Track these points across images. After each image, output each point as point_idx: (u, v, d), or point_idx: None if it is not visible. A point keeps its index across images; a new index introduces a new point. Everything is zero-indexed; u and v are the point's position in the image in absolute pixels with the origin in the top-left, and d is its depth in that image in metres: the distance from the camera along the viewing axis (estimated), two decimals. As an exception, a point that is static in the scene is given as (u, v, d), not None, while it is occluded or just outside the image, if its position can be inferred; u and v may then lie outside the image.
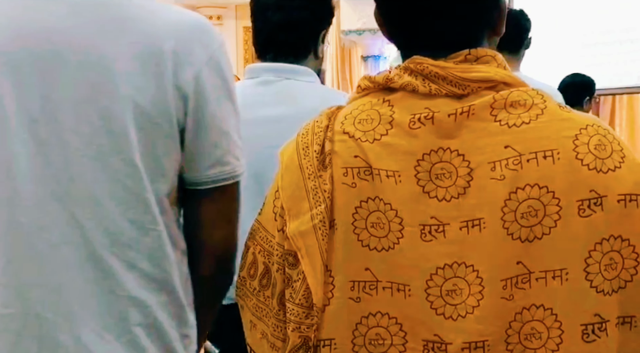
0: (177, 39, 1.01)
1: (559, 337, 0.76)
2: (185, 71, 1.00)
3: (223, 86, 1.06)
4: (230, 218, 1.11)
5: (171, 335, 1.05)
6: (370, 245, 0.81)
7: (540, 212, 0.76)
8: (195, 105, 1.02)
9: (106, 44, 0.97)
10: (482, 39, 0.85)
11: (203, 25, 1.07)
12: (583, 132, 0.78)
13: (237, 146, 1.09)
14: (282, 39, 1.55)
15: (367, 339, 0.81)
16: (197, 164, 1.06)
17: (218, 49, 1.06)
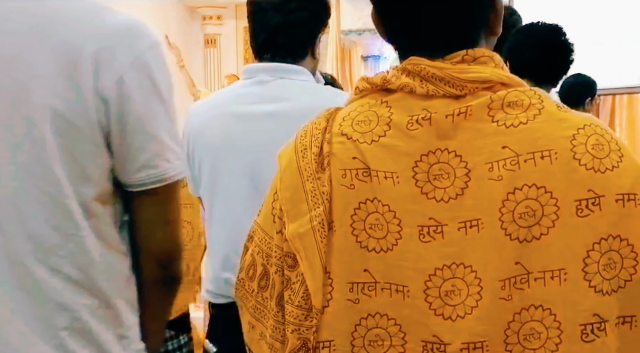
0: (99, 42, 1.00)
1: (558, 337, 0.76)
2: (106, 74, 1.00)
3: (151, 88, 1.05)
4: (168, 220, 1.11)
5: (103, 338, 1.06)
6: (369, 246, 0.81)
7: (538, 212, 0.76)
8: (118, 109, 1.02)
9: (30, 50, 0.98)
10: (478, 39, 0.85)
11: (130, 27, 1.05)
12: (580, 132, 0.78)
13: (168, 148, 1.08)
14: (280, 41, 1.56)
15: (366, 340, 0.81)
16: (125, 168, 1.06)
17: (147, 51, 1.05)
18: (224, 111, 1.59)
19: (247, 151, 1.54)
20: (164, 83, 1.07)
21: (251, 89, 1.57)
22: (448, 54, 0.83)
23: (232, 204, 1.57)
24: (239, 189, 1.56)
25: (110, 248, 1.07)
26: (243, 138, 1.55)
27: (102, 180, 1.04)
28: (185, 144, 1.65)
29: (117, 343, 1.08)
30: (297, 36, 1.56)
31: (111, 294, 1.07)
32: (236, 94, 1.61)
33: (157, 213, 1.10)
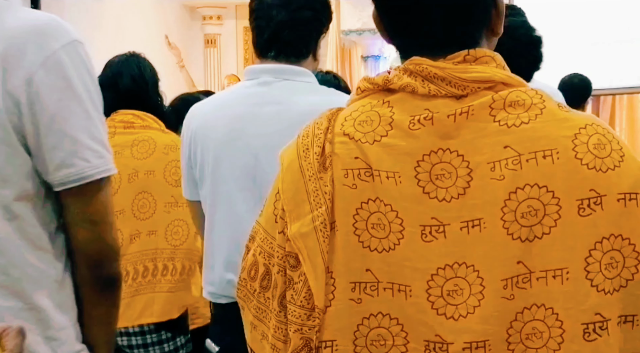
0: (8, 43, 0.99)
1: (560, 336, 0.76)
2: (15, 75, 0.99)
3: (66, 86, 1.04)
4: (94, 220, 1.10)
5: (29, 339, 1.05)
6: (371, 246, 0.81)
7: (540, 212, 0.76)
8: (30, 109, 1.01)
9: None
10: (480, 38, 0.85)
11: (45, 26, 1.04)
12: (582, 131, 0.78)
13: (86, 147, 1.06)
14: (286, 38, 1.56)
15: (368, 340, 0.81)
16: (44, 167, 1.05)
17: (61, 49, 1.03)
18: (227, 112, 1.58)
19: (249, 153, 1.54)
20: (80, 81, 1.06)
21: (255, 90, 1.57)
22: (449, 52, 0.83)
23: (234, 205, 1.57)
24: (241, 191, 1.56)
25: (38, 250, 1.06)
26: (246, 139, 1.54)
27: (22, 181, 1.04)
28: (186, 145, 1.65)
29: (45, 345, 1.07)
30: (302, 34, 1.56)
31: (37, 296, 1.05)
32: (239, 95, 1.61)
33: (82, 213, 1.09)
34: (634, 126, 6.11)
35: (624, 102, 6.07)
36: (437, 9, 0.82)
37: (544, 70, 2.74)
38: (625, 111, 6.11)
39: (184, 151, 1.67)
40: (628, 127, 6.09)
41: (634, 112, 6.11)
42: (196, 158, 1.62)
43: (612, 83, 4.86)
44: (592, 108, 5.13)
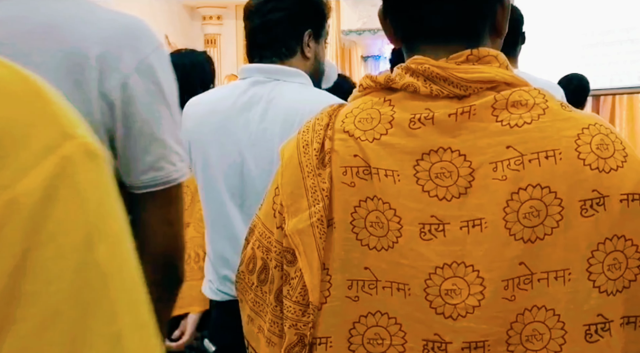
0: (104, 45, 1.00)
1: (562, 337, 0.75)
2: (111, 77, 1.00)
3: (157, 91, 1.05)
4: (171, 221, 1.12)
5: None
6: (370, 244, 0.81)
7: (542, 212, 0.76)
8: (123, 112, 1.02)
9: (32, 53, 0.97)
10: (483, 32, 0.85)
11: (134, 29, 1.06)
12: (585, 132, 0.78)
13: (172, 150, 1.08)
14: (260, 41, 1.61)
15: (365, 338, 0.81)
16: (130, 169, 1.06)
17: (152, 54, 1.05)
18: (217, 110, 1.60)
19: (236, 151, 1.56)
20: (168, 86, 1.08)
21: (245, 90, 1.59)
22: (452, 44, 0.83)
23: (223, 203, 1.59)
24: (229, 188, 1.58)
25: None
26: (233, 137, 1.57)
27: None
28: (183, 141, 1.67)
29: None
30: (275, 35, 1.60)
31: None
32: (230, 94, 1.62)
33: (161, 215, 1.11)
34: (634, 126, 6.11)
35: (624, 102, 6.08)
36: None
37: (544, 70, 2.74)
38: (625, 111, 6.11)
39: None
40: (628, 128, 6.10)
41: (634, 112, 6.12)
42: (190, 156, 1.64)
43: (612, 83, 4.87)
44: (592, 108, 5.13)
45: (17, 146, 0.36)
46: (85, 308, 0.37)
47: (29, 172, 0.36)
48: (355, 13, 7.29)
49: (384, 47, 7.52)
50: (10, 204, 0.35)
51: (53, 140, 0.37)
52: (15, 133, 0.36)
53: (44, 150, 0.36)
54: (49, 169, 0.36)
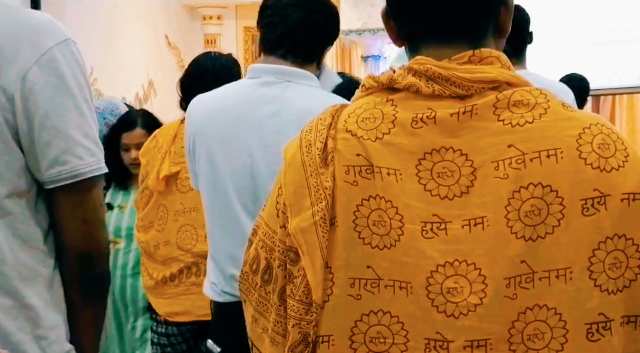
0: (2, 39, 0.99)
1: (564, 336, 0.76)
2: (9, 71, 0.99)
3: (59, 84, 1.04)
4: (85, 218, 1.10)
5: (18, 338, 1.04)
6: (372, 243, 0.81)
7: (543, 211, 0.76)
8: (24, 105, 1.01)
9: None
10: (487, 31, 0.85)
11: (40, 24, 1.05)
12: (587, 131, 0.78)
13: (79, 144, 1.06)
14: (298, 37, 1.57)
15: (367, 337, 0.81)
16: (37, 164, 1.05)
17: (56, 47, 1.04)
18: (225, 108, 1.59)
19: (245, 152, 1.55)
20: (74, 79, 1.06)
21: (255, 90, 1.57)
22: (455, 42, 0.83)
23: (231, 203, 1.58)
24: (237, 189, 1.56)
25: (29, 247, 1.05)
26: (242, 138, 1.55)
27: (14, 178, 1.03)
28: (187, 139, 1.67)
29: (35, 344, 1.06)
30: (313, 36, 1.58)
31: (27, 294, 1.05)
32: (239, 93, 1.61)
33: (72, 211, 1.09)
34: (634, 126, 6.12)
35: (624, 102, 6.08)
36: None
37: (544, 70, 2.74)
38: (625, 111, 6.11)
39: (186, 144, 1.69)
40: (628, 127, 6.10)
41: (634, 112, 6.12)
42: (194, 152, 1.64)
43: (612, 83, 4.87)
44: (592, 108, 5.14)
45: None
46: None
47: None
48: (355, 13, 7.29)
49: (384, 47, 7.52)
50: None
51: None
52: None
53: None
54: None
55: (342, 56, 7.70)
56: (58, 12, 4.42)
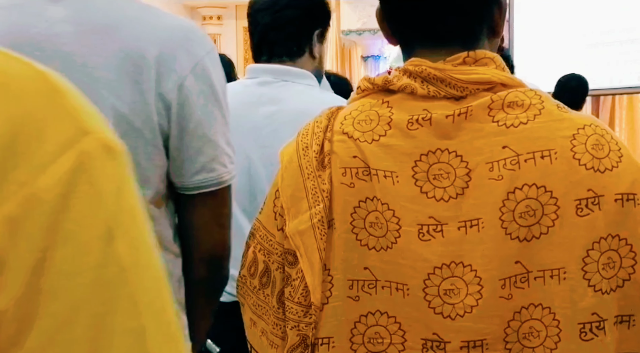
0: (161, 46, 1.01)
1: (557, 335, 0.76)
2: (169, 78, 1.01)
3: (210, 93, 1.07)
4: (221, 223, 1.13)
5: None
6: (369, 245, 0.81)
7: (538, 212, 0.76)
8: (178, 113, 1.03)
9: (89, 52, 0.99)
10: (481, 34, 0.86)
11: (190, 32, 1.07)
12: (580, 132, 0.79)
13: (224, 152, 1.09)
14: (272, 39, 1.58)
15: (365, 338, 0.82)
16: (182, 170, 1.07)
17: (206, 56, 1.06)
18: None
19: (242, 152, 1.55)
20: (221, 88, 1.09)
21: (253, 90, 1.58)
22: (450, 46, 0.83)
23: None
24: (235, 189, 1.57)
25: (165, 250, 1.08)
26: (239, 138, 1.56)
27: (158, 182, 1.06)
28: None
29: None
30: (287, 33, 1.58)
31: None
32: (237, 93, 1.61)
33: (212, 216, 1.12)
34: (634, 126, 6.11)
35: (624, 102, 6.07)
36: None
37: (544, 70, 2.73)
38: (625, 111, 6.11)
39: None
40: (628, 128, 6.09)
41: (634, 112, 6.12)
42: None
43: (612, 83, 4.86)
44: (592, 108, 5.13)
45: (34, 143, 0.35)
46: (106, 304, 0.37)
47: (47, 168, 0.35)
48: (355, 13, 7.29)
49: (384, 47, 7.52)
50: (30, 199, 0.35)
51: (70, 136, 0.37)
52: (32, 129, 0.36)
53: (62, 146, 0.36)
54: (67, 165, 0.36)
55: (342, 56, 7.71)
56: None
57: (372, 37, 7.34)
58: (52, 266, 0.35)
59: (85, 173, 0.36)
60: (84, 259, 0.36)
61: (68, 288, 0.36)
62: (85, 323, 0.36)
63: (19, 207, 0.35)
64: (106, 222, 0.38)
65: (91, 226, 0.37)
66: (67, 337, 0.36)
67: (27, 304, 0.35)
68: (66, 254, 0.36)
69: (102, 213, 0.37)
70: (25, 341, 0.35)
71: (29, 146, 0.35)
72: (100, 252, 0.37)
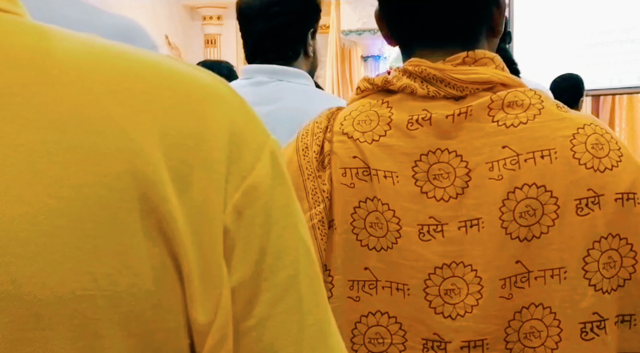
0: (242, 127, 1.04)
1: (558, 335, 0.76)
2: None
3: None
4: None
5: None
6: (369, 245, 0.81)
7: (538, 211, 0.76)
8: None
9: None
10: (480, 34, 0.86)
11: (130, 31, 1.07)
12: (580, 131, 0.79)
13: None
14: (267, 47, 1.59)
15: (366, 338, 0.82)
16: None
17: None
18: None
19: None
20: None
21: (248, 90, 1.58)
22: (449, 46, 0.83)
23: None
24: None
25: None
26: None
27: None
28: None
29: None
30: (283, 40, 1.59)
31: None
32: None
33: None
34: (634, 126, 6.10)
35: (624, 102, 6.07)
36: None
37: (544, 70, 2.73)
38: (625, 111, 6.10)
39: None
40: (628, 128, 6.09)
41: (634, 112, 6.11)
42: None
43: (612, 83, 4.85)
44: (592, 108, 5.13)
45: (246, 142, 0.43)
46: (312, 277, 0.45)
47: (256, 164, 0.43)
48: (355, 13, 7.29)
49: (384, 47, 7.52)
50: (252, 190, 0.42)
51: (263, 138, 0.44)
52: (244, 130, 0.43)
53: (260, 146, 0.44)
54: (267, 161, 0.43)
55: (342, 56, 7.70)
56: (58, 12, 4.42)
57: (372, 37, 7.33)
58: (268, 247, 0.42)
59: (277, 166, 0.44)
60: (289, 239, 0.44)
61: (283, 265, 0.43)
62: (296, 295, 0.43)
63: (243, 197, 0.41)
64: (295, 206, 0.45)
65: (290, 210, 0.44)
66: (283, 307, 0.43)
67: (256, 281, 0.42)
68: (278, 235, 0.43)
69: (292, 201, 0.45)
70: (254, 310, 0.42)
71: (243, 144, 0.43)
72: (297, 234, 0.44)
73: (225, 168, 0.41)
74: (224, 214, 0.41)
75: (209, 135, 0.41)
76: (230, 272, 0.41)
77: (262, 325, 0.42)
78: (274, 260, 0.42)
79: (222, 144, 0.41)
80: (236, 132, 0.43)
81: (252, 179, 0.42)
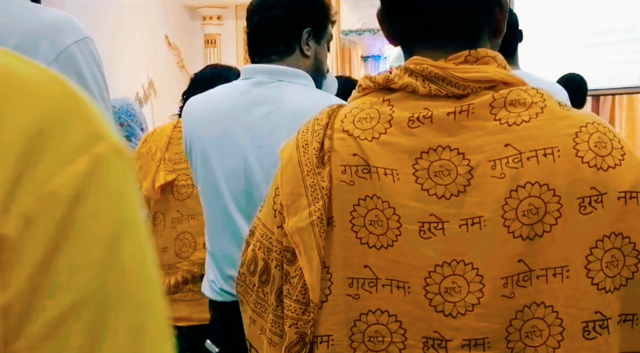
0: (21, 36, 1.00)
1: (560, 334, 0.76)
2: None
3: (79, 81, 1.05)
4: None
5: None
6: (369, 243, 0.81)
7: (541, 210, 0.76)
8: None
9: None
10: (482, 34, 0.85)
11: (57, 22, 1.05)
12: (583, 130, 0.78)
13: None
14: (259, 39, 1.60)
15: (366, 336, 0.82)
16: None
17: (75, 45, 1.05)
18: (218, 109, 1.60)
19: (239, 152, 1.55)
20: (91, 76, 1.07)
21: (248, 90, 1.58)
22: (451, 46, 0.83)
23: (225, 204, 1.58)
24: (231, 190, 1.57)
25: None
26: (235, 139, 1.56)
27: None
28: (184, 140, 1.68)
29: None
30: (274, 32, 1.59)
31: None
32: (232, 94, 1.62)
33: None
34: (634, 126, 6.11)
35: (624, 102, 6.07)
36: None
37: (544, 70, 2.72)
38: (625, 111, 6.11)
39: (183, 146, 1.70)
40: (628, 128, 6.10)
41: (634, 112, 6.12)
42: (191, 153, 1.65)
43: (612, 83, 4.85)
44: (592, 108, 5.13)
45: (54, 143, 0.37)
46: (109, 300, 0.38)
47: (64, 168, 0.37)
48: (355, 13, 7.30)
49: (384, 47, 7.52)
50: (47, 197, 0.37)
51: (87, 139, 0.39)
52: (52, 130, 0.38)
53: (79, 148, 0.38)
54: (82, 167, 0.38)
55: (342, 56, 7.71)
56: (58, 12, 4.41)
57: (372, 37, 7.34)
58: (59, 261, 0.37)
59: (98, 174, 0.38)
60: (90, 256, 0.38)
61: (71, 284, 0.37)
62: (85, 318, 0.37)
63: (36, 203, 0.36)
64: (114, 223, 0.39)
65: (100, 226, 0.38)
66: (66, 330, 0.37)
67: (31, 296, 0.36)
68: (74, 250, 0.37)
69: (111, 215, 0.39)
70: (25, 332, 0.36)
71: (50, 146, 0.37)
72: (107, 250, 0.39)
73: (15, 168, 0.36)
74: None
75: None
76: (3, 285, 0.36)
77: (34, 348, 0.37)
78: (61, 277, 0.37)
79: (13, 142, 0.36)
80: (45, 131, 0.37)
81: (53, 185, 0.37)
